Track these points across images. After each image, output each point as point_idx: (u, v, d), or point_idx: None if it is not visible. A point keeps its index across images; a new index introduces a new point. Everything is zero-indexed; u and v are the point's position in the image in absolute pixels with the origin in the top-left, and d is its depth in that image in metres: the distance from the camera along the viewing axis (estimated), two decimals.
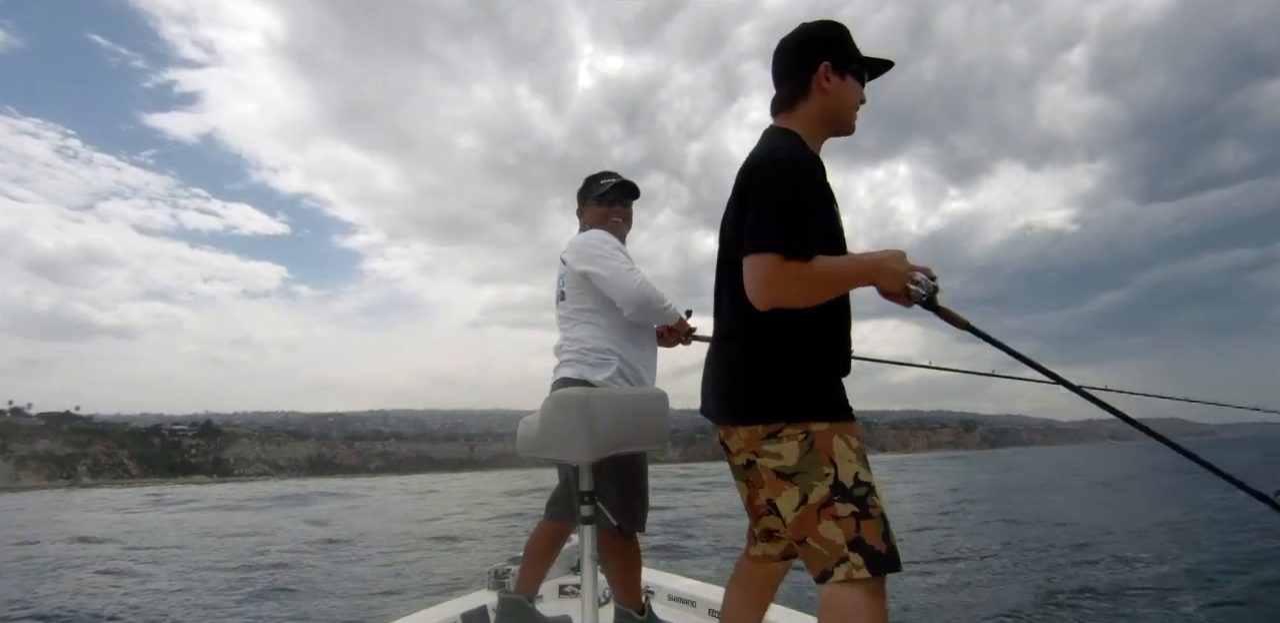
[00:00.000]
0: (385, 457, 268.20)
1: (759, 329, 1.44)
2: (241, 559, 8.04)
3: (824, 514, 1.29)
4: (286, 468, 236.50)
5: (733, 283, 1.47)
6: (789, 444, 1.35)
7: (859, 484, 1.31)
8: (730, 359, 1.51)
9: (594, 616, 1.82)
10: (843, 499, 1.29)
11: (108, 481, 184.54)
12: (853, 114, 1.56)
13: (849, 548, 1.26)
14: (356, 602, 4.68)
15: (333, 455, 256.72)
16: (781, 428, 1.37)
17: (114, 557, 9.94)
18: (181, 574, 7.21)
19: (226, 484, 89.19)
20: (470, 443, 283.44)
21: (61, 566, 9.20)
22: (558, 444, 1.73)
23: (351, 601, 4.74)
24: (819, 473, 1.32)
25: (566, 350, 2.20)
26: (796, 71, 1.53)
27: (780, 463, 1.36)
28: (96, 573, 8.31)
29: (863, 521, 1.28)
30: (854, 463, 1.33)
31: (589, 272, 2.13)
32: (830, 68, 1.49)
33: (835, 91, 1.51)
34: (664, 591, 2.61)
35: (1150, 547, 7.64)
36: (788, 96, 1.55)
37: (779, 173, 1.39)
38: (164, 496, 39.22)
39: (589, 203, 2.39)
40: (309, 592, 5.44)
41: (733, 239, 1.49)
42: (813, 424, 1.36)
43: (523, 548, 2.30)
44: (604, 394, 1.77)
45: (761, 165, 1.42)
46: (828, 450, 1.33)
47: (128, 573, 8.37)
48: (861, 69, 1.56)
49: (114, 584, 7.23)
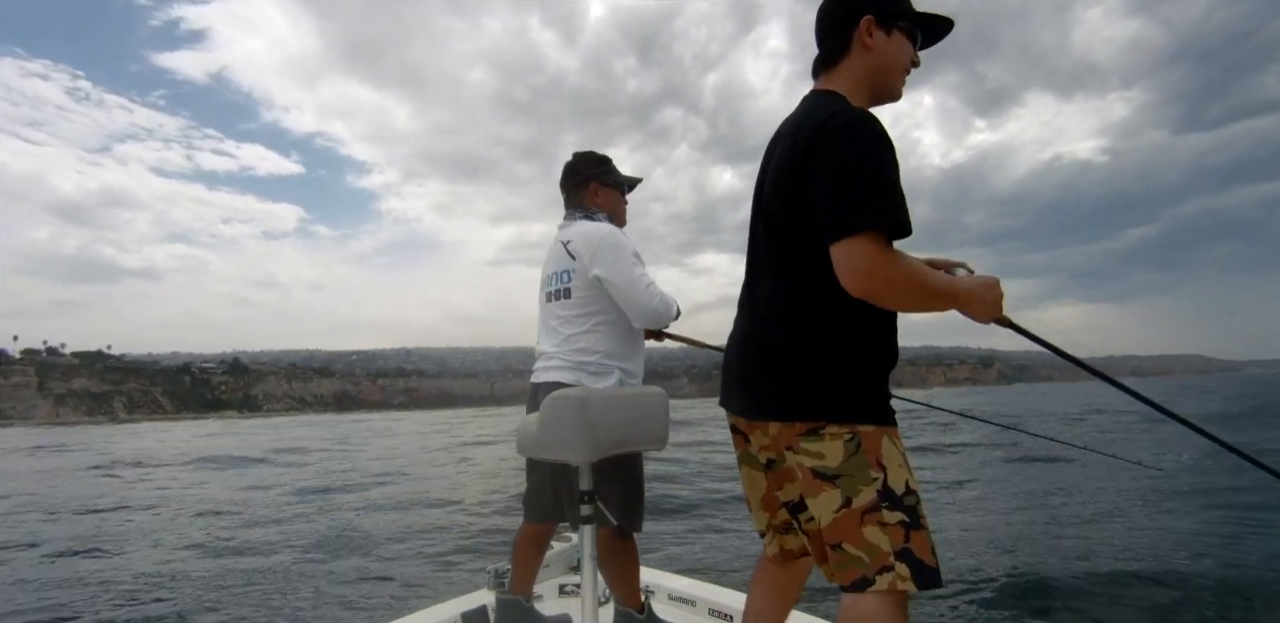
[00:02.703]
0: (408, 393, 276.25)
1: (813, 316, 1.29)
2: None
3: (868, 519, 1.18)
4: (313, 404, 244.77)
5: (775, 258, 1.34)
6: (833, 444, 1.23)
7: (909, 493, 1.21)
8: (774, 344, 1.33)
9: (594, 615, 1.79)
10: (891, 506, 1.19)
11: (144, 416, 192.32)
12: (900, 77, 1.38)
13: (895, 557, 1.16)
14: (354, 599, 4.73)
15: (357, 392, 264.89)
16: (824, 426, 1.25)
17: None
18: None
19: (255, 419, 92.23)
20: (491, 380, 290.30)
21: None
22: (557, 444, 1.68)
23: (349, 598, 4.78)
24: (866, 477, 1.20)
25: (560, 355, 2.06)
26: (838, 27, 1.36)
27: (821, 463, 1.24)
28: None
29: (913, 531, 1.18)
30: (903, 469, 1.22)
31: (605, 278, 1.99)
32: (875, 22, 1.32)
33: (880, 49, 1.33)
34: (664, 590, 2.58)
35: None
36: (829, 55, 1.38)
37: (857, 136, 1.19)
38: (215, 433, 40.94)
39: (605, 184, 2.20)
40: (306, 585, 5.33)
41: (778, 212, 1.31)
42: (860, 426, 1.23)
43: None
44: (603, 394, 1.69)
45: (832, 130, 1.20)
46: (875, 453, 1.22)
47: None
48: (914, 27, 1.37)
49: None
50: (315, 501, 9.57)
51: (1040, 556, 4.93)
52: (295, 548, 6.40)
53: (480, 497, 9.32)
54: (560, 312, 2.11)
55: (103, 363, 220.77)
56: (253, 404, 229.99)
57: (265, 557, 6.05)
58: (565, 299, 2.10)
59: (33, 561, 6.21)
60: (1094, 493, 7.61)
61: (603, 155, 2.26)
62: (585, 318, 2.06)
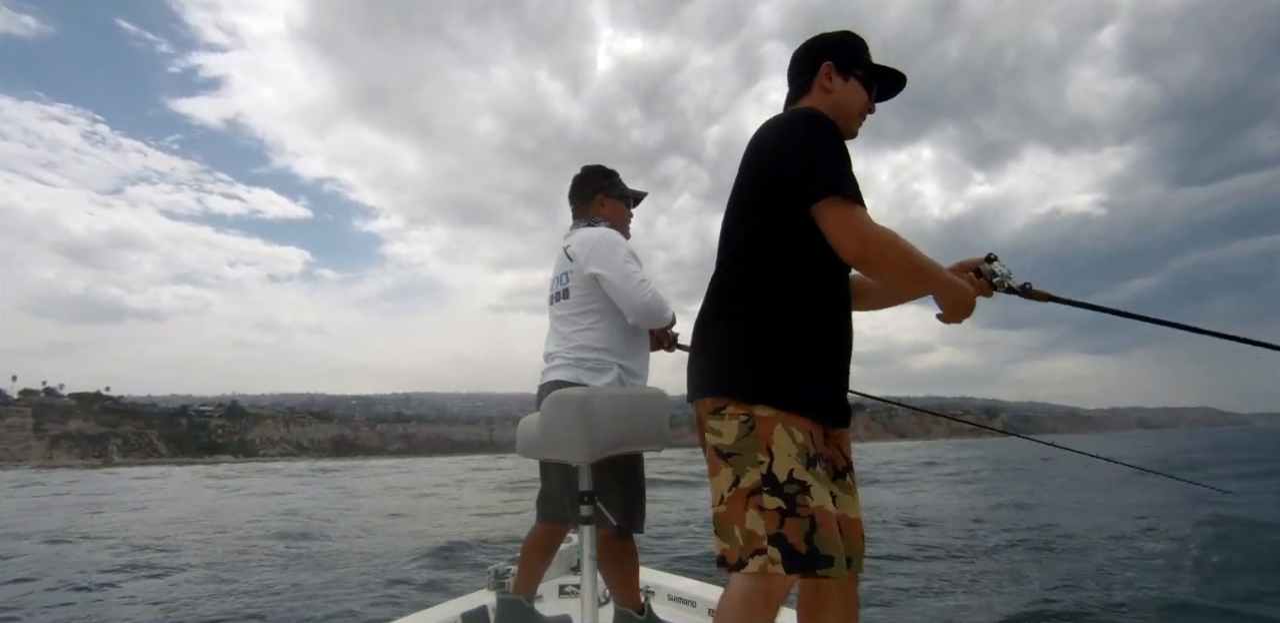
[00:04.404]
0: (406, 439, 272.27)
1: (745, 303, 1.38)
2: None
3: (751, 502, 1.25)
4: (309, 449, 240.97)
5: (724, 259, 1.45)
6: (730, 423, 1.31)
7: (792, 481, 1.25)
8: (705, 327, 1.44)
9: (594, 616, 1.80)
10: (772, 492, 1.24)
11: (138, 460, 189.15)
12: (856, 120, 1.53)
13: (769, 541, 1.22)
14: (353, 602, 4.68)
15: (355, 437, 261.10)
16: (726, 405, 1.33)
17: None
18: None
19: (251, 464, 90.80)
20: (490, 426, 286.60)
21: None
22: (557, 445, 1.71)
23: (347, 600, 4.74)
24: (754, 459, 1.27)
25: (561, 354, 2.11)
26: (804, 70, 1.54)
27: (720, 441, 1.32)
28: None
29: (788, 518, 1.22)
30: (793, 459, 1.26)
31: (600, 275, 2.05)
32: (833, 68, 1.49)
33: (838, 92, 1.49)
34: (664, 591, 2.58)
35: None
36: (795, 94, 1.56)
37: (800, 122, 1.37)
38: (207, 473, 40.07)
39: (611, 196, 2.30)
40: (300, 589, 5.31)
41: (732, 217, 1.45)
42: (758, 408, 1.30)
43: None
44: (603, 394, 1.73)
45: (793, 118, 1.39)
46: (766, 438, 1.28)
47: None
48: (869, 77, 1.53)
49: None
50: (312, 511, 9.43)
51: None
52: (295, 549, 6.32)
53: (478, 500, 9.21)
54: (560, 312, 2.18)
55: (100, 405, 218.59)
56: (249, 449, 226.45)
57: (265, 557, 5.98)
58: (565, 299, 2.17)
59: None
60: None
61: (609, 169, 2.36)
62: (583, 316, 2.11)
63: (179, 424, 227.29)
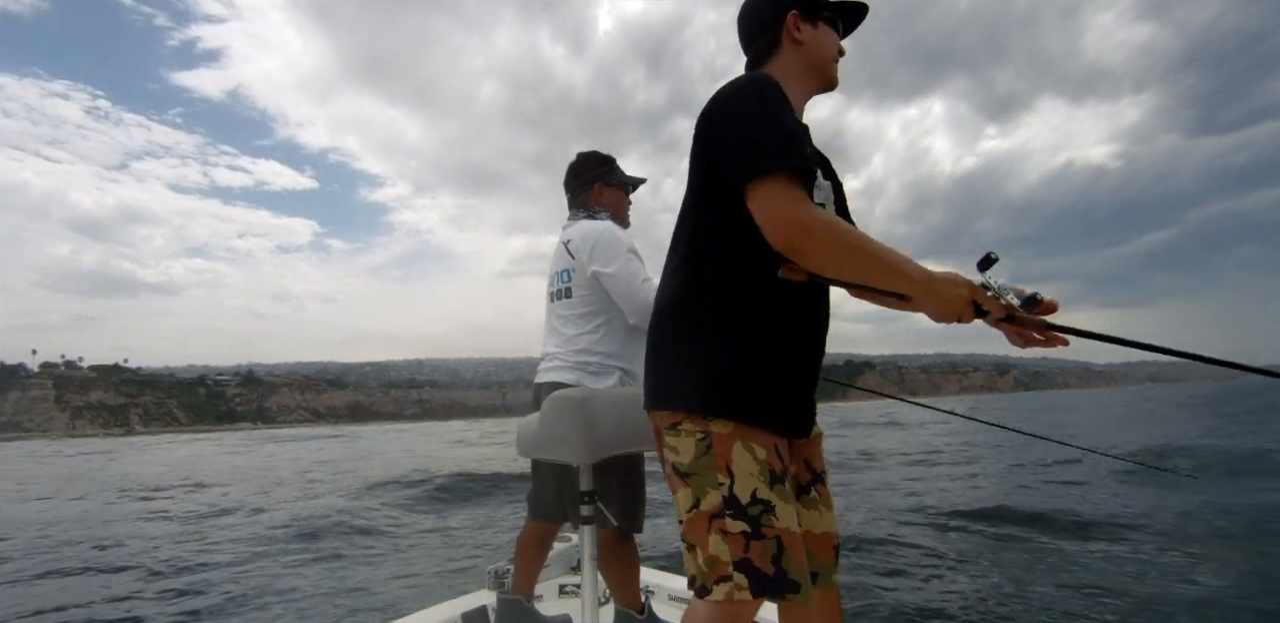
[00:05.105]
0: (420, 404, 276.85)
1: (696, 299, 1.24)
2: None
3: (714, 526, 1.15)
4: (326, 415, 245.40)
5: (673, 256, 1.31)
6: (686, 440, 1.20)
7: (755, 502, 1.14)
8: (658, 332, 1.32)
9: (594, 616, 1.79)
10: (735, 515, 1.14)
11: (159, 428, 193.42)
12: (834, 66, 1.38)
13: (734, 567, 1.12)
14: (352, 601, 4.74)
15: (370, 403, 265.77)
16: (681, 420, 1.21)
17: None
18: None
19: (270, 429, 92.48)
20: (503, 391, 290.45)
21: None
22: (557, 445, 1.69)
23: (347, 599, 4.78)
24: (714, 480, 1.17)
25: (562, 356, 2.06)
26: (764, 27, 1.37)
27: (677, 459, 1.22)
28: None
29: (754, 540, 1.13)
30: (755, 478, 1.16)
31: (602, 274, 1.99)
32: (799, 16, 1.34)
33: (810, 41, 1.34)
34: (664, 590, 2.56)
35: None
36: (759, 54, 1.38)
37: (744, 92, 1.20)
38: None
39: (609, 184, 2.21)
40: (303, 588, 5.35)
41: (684, 207, 1.31)
42: (714, 423, 1.18)
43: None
44: (603, 395, 1.70)
45: (715, 97, 1.23)
46: (725, 457, 1.17)
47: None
48: (835, 17, 1.38)
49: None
50: (313, 502, 9.65)
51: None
52: (294, 549, 6.41)
53: (481, 493, 9.38)
54: (561, 311, 2.11)
55: (119, 376, 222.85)
56: (267, 416, 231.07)
57: (265, 558, 6.07)
58: (566, 299, 2.10)
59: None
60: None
61: (606, 155, 2.26)
62: (586, 318, 2.05)
63: (197, 394, 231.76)
